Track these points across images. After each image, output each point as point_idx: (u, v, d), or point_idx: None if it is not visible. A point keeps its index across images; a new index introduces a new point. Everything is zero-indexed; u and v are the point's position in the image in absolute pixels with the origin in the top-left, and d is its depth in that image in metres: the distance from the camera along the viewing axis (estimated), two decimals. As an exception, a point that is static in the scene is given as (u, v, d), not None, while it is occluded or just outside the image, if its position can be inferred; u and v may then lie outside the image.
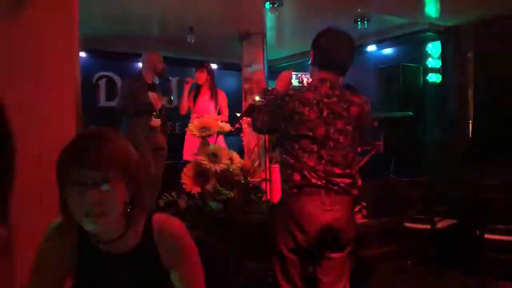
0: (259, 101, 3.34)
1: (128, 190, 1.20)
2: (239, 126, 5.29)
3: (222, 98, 5.24)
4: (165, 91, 5.49)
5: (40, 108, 1.83)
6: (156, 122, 4.56)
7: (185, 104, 5.09)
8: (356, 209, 4.69)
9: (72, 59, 1.83)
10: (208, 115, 4.86)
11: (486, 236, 3.62)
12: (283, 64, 7.56)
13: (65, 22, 1.81)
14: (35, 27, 1.80)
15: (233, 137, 5.73)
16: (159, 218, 1.31)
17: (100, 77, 6.74)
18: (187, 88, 5.09)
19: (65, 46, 1.80)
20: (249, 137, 5.59)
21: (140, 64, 6.88)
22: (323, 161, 2.09)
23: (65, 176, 1.15)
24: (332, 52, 2.18)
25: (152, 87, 4.65)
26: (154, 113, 4.53)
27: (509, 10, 4.93)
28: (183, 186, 2.47)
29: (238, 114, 5.11)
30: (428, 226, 3.96)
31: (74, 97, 1.82)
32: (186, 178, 2.44)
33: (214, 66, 7.33)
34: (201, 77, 5.10)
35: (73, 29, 1.84)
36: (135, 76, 4.74)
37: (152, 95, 4.52)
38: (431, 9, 5.21)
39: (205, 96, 5.13)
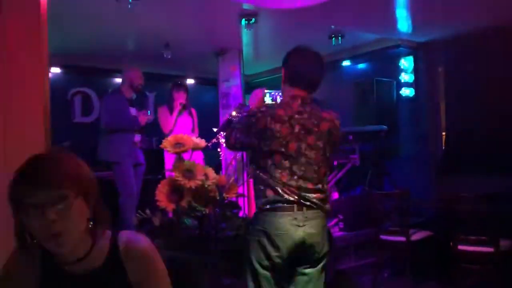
0: (235, 116, 3.36)
1: (89, 208, 1.19)
2: (216, 141, 5.30)
3: (195, 116, 5.26)
4: (142, 106, 5.48)
5: (8, 124, 1.80)
6: (137, 137, 4.59)
7: (171, 123, 5.04)
8: (333, 222, 4.74)
9: (41, 74, 1.82)
10: (188, 133, 4.88)
11: (459, 247, 3.68)
12: (260, 79, 7.62)
13: (34, 37, 1.80)
14: (2, 42, 1.78)
15: (211, 152, 5.73)
16: (125, 235, 1.29)
17: (75, 93, 6.66)
18: (178, 107, 5.04)
19: (33, 62, 1.78)
20: (227, 152, 5.60)
21: (115, 80, 6.94)
22: (295, 177, 2.11)
23: (19, 197, 1.12)
24: (302, 70, 2.22)
25: (131, 102, 4.66)
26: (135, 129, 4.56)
27: (477, 27, 5.09)
28: (158, 202, 2.46)
29: (215, 129, 5.13)
30: (404, 238, 4.01)
31: (43, 113, 1.80)
32: (161, 194, 2.43)
33: (191, 81, 7.38)
34: (180, 96, 5.06)
35: (42, 44, 1.82)
36: (116, 92, 4.75)
37: (139, 113, 4.57)
38: (403, 25, 5.34)
39: (183, 114, 5.12)
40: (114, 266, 1.24)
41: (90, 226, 1.20)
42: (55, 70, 6.35)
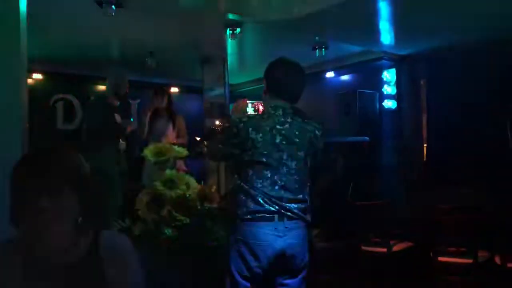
0: (219, 125, 3.36)
1: (80, 203, 1.26)
2: (199, 149, 5.27)
3: (182, 124, 5.22)
4: (126, 113, 5.44)
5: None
6: (122, 145, 4.54)
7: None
8: (315, 233, 4.74)
9: (20, 81, 1.79)
10: (165, 139, 4.83)
11: (439, 258, 3.72)
12: (243, 89, 7.64)
13: (13, 43, 1.77)
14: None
15: (194, 161, 5.70)
16: (107, 233, 1.37)
17: (58, 100, 6.59)
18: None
19: (11, 68, 1.75)
20: (210, 161, 5.57)
21: (99, 87, 6.88)
22: (276, 187, 2.12)
23: (17, 191, 1.21)
24: (284, 81, 2.25)
25: (116, 109, 4.62)
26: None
27: (458, 41, 5.18)
28: (138, 212, 2.43)
29: (198, 138, 5.10)
30: (385, 249, 4.03)
31: (20, 121, 1.77)
32: (141, 204, 2.40)
33: (175, 89, 7.35)
34: (157, 100, 5.07)
35: (21, 49, 1.80)
36: (101, 98, 4.70)
37: (125, 121, 4.53)
38: (386, 38, 5.41)
39: (162, 121, 5.10)
40: (93, 260, 1.31)
41: (78, 221, 1.26)
42: (38, 76, 6.27)
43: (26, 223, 1.22)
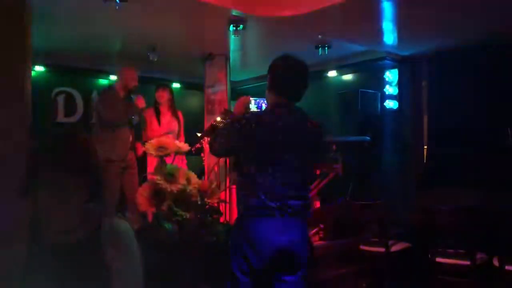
0: (220, 121, 3.36)
1: (88, 188, 1.32)
2: (200, 146, 5.28)
3: (181, 119, 5.26)
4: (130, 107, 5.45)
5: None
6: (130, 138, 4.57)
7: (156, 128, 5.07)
8: (314, 231, 4.74)
9: (23, 72, 1.79)
10: (172, 135, 4.88)
11: (437, 259, 3.72)
12: (245, 86, 7.63)
13: (17, 35, 1.77)
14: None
15: (194, 157, 5.71)
16: (109, 217, 1.43)
17: (59, 93, 6.58)
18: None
19: (15, 60, 1.75)
20: (210, 157, 5.57)
21: (100, 81, 6.89)
22: (278, 184, 2.12)
23: (33, 173, 1.26)
24: (288, 78, 2.24)
25: (124, 101, 4.64)
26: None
27: (461, 42, 5.18)
28: (138, 205, 2.44)
29: (199, 134, 5.11)
30: (383, 249, 4.03)
31: (25, 112, 1.78)
32: (141, 197, 2.41)
33: (176, 85, 7.35)
34: (163, 96, 5.10)
35: (26, 41, 1.80)
36: (111, 89, 4.70)
37: (136, 97, 4.62)
38: (389, 38, 5.41)
39: (167, 116, 5.12)
40: (94, 242, 1.36)
41: (84, 205, 1.33)
42: (39, 68, 6.27)
43: (37, 202, 1.28)
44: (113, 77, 6.86)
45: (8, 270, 1.34)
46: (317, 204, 5.14)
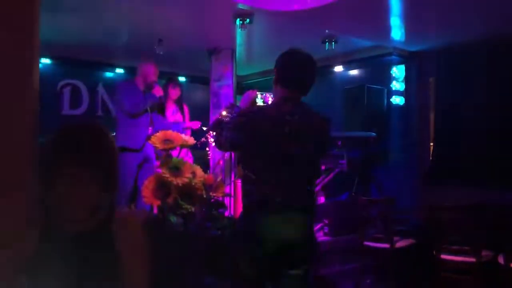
0: (226, 115, 3.36)
1: (103, 178, 1.33)
2: (205, 140, 5.28)
3: (186, 112, 5.26)
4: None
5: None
6: (149, 130, 4.57)
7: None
8: (318, 226, 4.74)
9: (31, 64, 1.78)
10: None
11: (442, 256, 3.71)
12: (251, 81, 7.61)
13: (25, 26, 1.76)
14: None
15: (199, 151, 5.71)
16: (122, 208, 1.52)
17: (65, 85, 6.59)
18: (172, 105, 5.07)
19: (23, 51, 1.74)
20: (215, 151, 5.58)
21: (106, 73, 6.90)
22: (283, 178, 2.11)
23: (52, 165, 1.27)
24: (295, 72, 2.23)
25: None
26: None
27: (469, 38, 5.14)
28: (143, 198, 2.43)
29: (205, 128, 5.11)
30: (387, 245, 4.03)
31: (31, 103, 1.77)
32: (147, 190, 2.41)
33: (182, 79, 7.34)
34: (176, 93, 5.11)
35: (34, 33, 1.79)
36: (130, 81, 4.69)
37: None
38: (396, 34, 5.38)
39: (171, 108, 5.12)
40: (106, 231, 1.38)
41: (100, 196, 1.34)
42: (45, 60, 6.28)
43: (52, 193, 1.29)
44: (119, 70, 6.87)
45: (17, 261, 1.34)
46: (322, 200, 5.13)
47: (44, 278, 1.34)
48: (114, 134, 4.50)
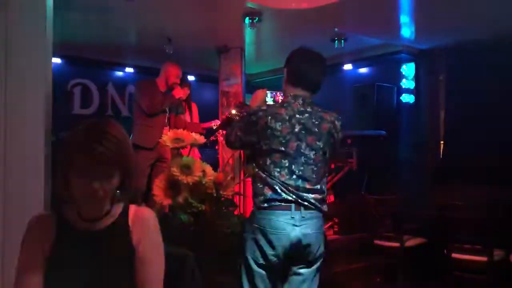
0: (235, 114, 3.36)
1: (119, 177, 1.38)
2: (214, 138, 5.29)
3: (195, 111, 5.26)
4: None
5: (8, 112, 1.79)
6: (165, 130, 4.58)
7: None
8: (328, 225, 4.73)
9: (44, 63, 1.80)
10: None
11: (453, 255, 3.68)
12: (261, 79, 7.61)
13: (38, 26, 1.78)
14: (5, 29, 1.76)
15: (209, 150, 5.72)
16: (135, 206, 1.51)
17: (75, 85, 6.64)
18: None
19: (37, 50, 1.76)
20: (225, 150, 5.59)
21: (116, 73, 6.93)
22: (294, 176, 2.11)
23: (70, 163, 1.31)
24: (304, 70, 2.23)
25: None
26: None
27: (480, 36, 5.10)
28: (154, 197, 2.44)
29: (214, 127, 5.12)
30: (398, 244, 4.01)
31: (44, 102, 1.79)
32: (158, 189, 2.42)
33: (191, 78, 7.36)
34: (185, 92, 5.11)
35: (46, 33, 1.81)
36: (151, 80, 4.69)
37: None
38: (406, 32, 5.35)
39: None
40: (121, 227, 1.43)
41: (116, 194, 1.40)
42: (56, 60, 6.32)
43: (67, 190, 1.33)
44: (128, 69, 6.90)
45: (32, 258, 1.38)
46: (331, 198, 5.12)
47: (61, 275, 1.37)
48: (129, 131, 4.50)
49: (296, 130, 2.14)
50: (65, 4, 4.15)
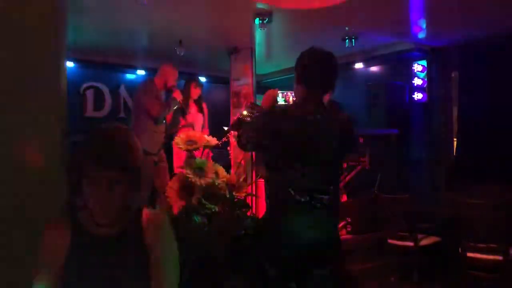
0: (246, 115, 3.36)
1: (131, 182, 1.40)
2: (226, 139, 5.29)
3: (205, 110, 5.30)
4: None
5: (24, 115, 1.81)
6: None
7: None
8: (341, 224, 4.72)
9: (58, 67, 1.82)
10: (199, 128, 4.93)
11: (468, 254, 3.65)
12: (271, 79, 7.61)
13: (53, 29, 1.80)
14: (21, 32, 1.79)
15: (219, 150, 5.74)
16: (148, 210, 1.54)
17: (88, 87, 6.70)
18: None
19: (51, 54, 1.79)
20: (236, 151, 5.60)
21: (128, 75, 6.98)
22: (306, 177, 2.10)
23: (81, 172, 1.34)
24: (316, 71, 2.21)
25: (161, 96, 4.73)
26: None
27: (493, 33, 5.04)
28: (168, 199, 2.46)
29: (226, 128, 5.13)
30: (412, 243, 3.99)
31: (59, 106, 1.81)
32: (171, 191, 2.43)
33: (202, 78, 7.39)
34: (196, 92, 5.15)
35: (61, 37, 1.83)
36: (150, 82, 4.74)
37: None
38: (417, 30, 5.31)
39: (192, 109, 5.16)
40: (135, 231, 1.46)
41: (128, 199, 1.42)
42: (69, 64, 6.38)
43: (80, 197, 1.36)
44: (140, 72, 6.95)
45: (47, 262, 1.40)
46: (344, 198, 5.11)
47: (77, 280, 1.39)
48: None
49: (308, 131, 2.13)
50: (77, 8, 4.20)
